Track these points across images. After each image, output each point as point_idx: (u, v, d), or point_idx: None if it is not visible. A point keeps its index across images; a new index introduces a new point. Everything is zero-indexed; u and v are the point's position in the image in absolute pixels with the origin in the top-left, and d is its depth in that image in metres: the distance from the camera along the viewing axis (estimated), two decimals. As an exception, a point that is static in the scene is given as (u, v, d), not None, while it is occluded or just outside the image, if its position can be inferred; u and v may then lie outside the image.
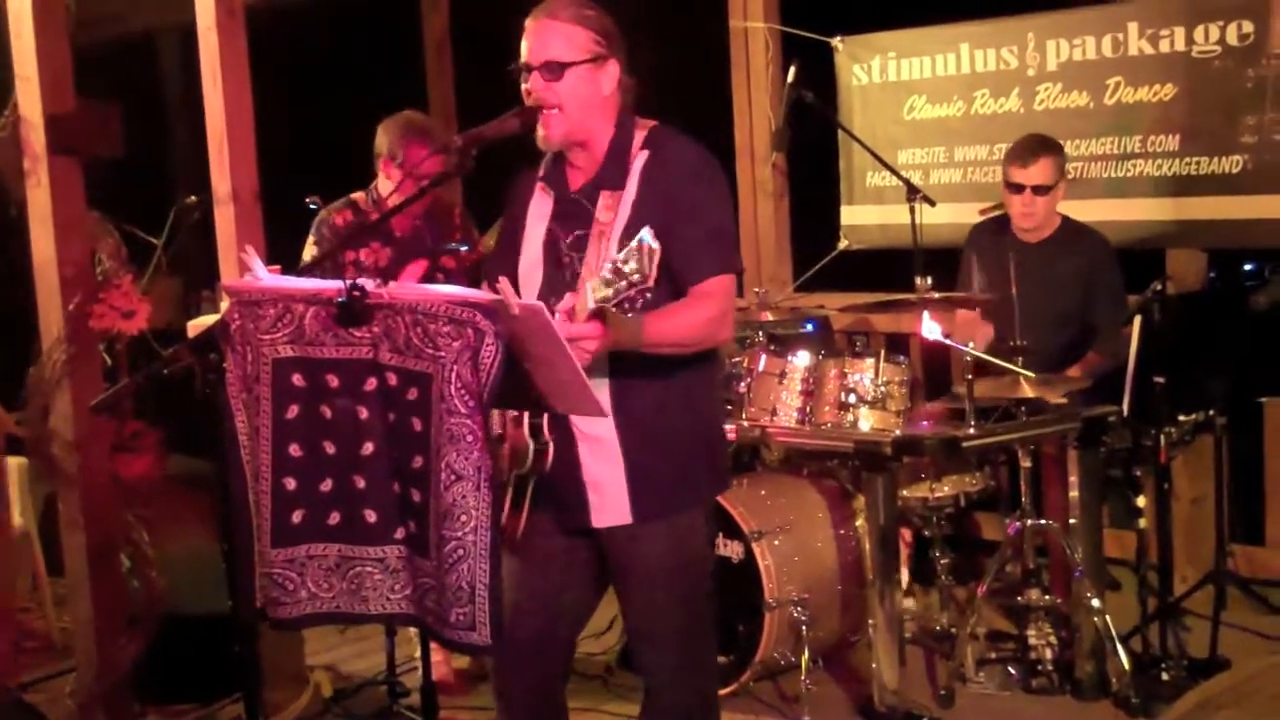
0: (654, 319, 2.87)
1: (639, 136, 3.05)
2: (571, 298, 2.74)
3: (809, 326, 5.50)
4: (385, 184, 4.58)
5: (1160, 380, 4.30)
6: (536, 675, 3.22)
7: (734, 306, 3.07)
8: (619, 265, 2.63)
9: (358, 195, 4.66)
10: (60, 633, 5.35)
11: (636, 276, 2.61)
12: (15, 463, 5.47)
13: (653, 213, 2.92)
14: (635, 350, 2.85)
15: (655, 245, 2.61)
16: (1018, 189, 4.90)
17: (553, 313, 2.63)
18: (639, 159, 3.02)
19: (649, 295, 2.70)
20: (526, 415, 2.95)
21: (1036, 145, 4.92)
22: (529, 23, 3.01)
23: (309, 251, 4.54)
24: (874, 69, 6.25)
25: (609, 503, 3.02)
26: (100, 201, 4.48)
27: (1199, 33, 5.21)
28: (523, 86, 3.01)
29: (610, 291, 2.63)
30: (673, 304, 2.94)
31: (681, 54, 6.67)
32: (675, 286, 2.95)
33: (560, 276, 3.04)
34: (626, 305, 2.69)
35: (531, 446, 2.94)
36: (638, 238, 2.62)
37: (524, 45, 3.00)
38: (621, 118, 3.06)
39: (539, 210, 3.13)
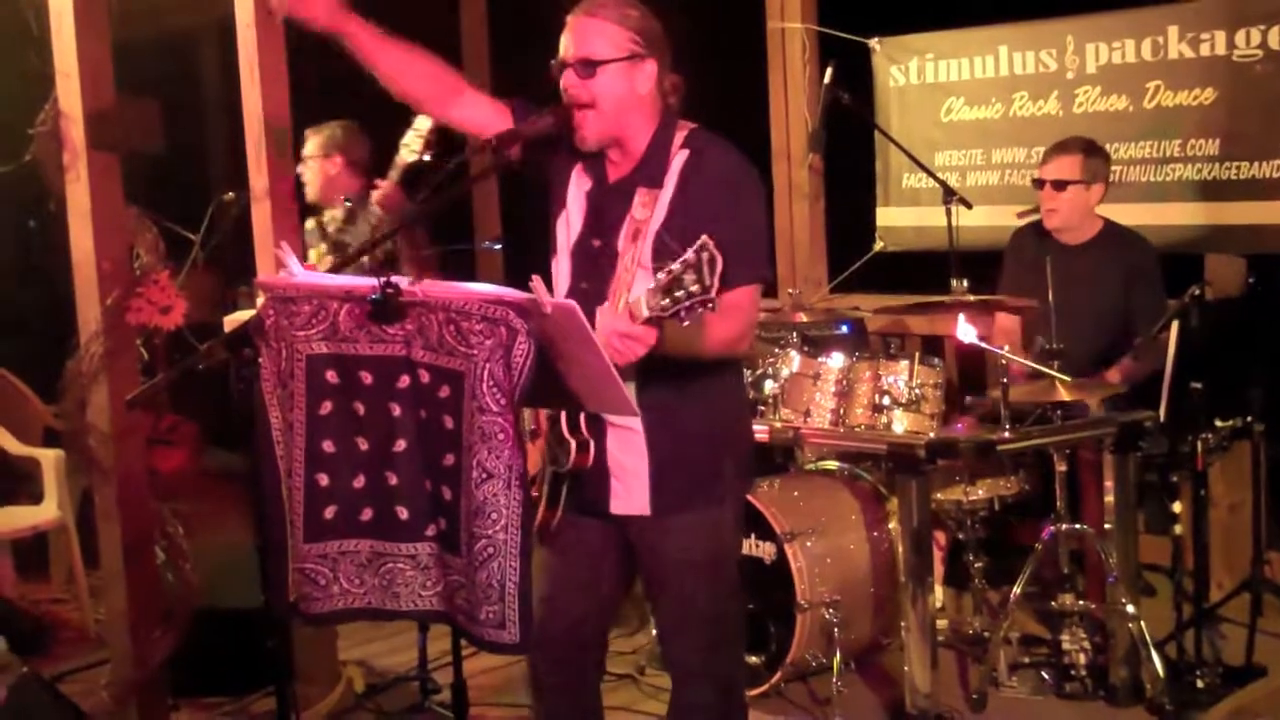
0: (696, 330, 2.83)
1: (679, 137, 3.04)
2: (640, 289, 2.70)
3: (843, 328, 5.48)
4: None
5: (1198, 386, 4.27)
6: (572, 668, 3.24)
7: (757, 318, 3.06)
8: (677, 274, 2.56)
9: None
10: (95, 624, 5.39)
11: (696, 288, 2.54)
12: (53, 455, 5.52)
13: (688, 213, 2.92)
14: (664, 354, 2.81)
15: (717, 255, 2.53)
16: (1039, 185, 4.98)
17: (589, 314, 2.63)
18: (678, 159, 3.01)
19: (711, 306, 2.57)
20: (564, 413, 2.96)
21: (1063, 142, 5.00)
22: (569, 19, 3.01)
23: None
24: (911, 70, 6.22)
25: (630, 492, 3.04)
26: (139, 197, 4.50)
27: (1240, 36, 5.17)
28: (560, 83, 3.02)
29: (668, 300, 2.58)
30: (707, 315, 2.92)
31: (718, 55, 6.65)
32: None
33: (592, 270, 3.03)
34: (683, 314, 2.59)
35: (573, 445, 2.95)
36: (698, 245, 2.55)
37: (563, 41, 3.01)
38: (664, 117, 3.06)
39: (574, 199, 3.12)
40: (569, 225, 3.12)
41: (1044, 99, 5.77)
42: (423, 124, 4.71)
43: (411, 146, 4.74)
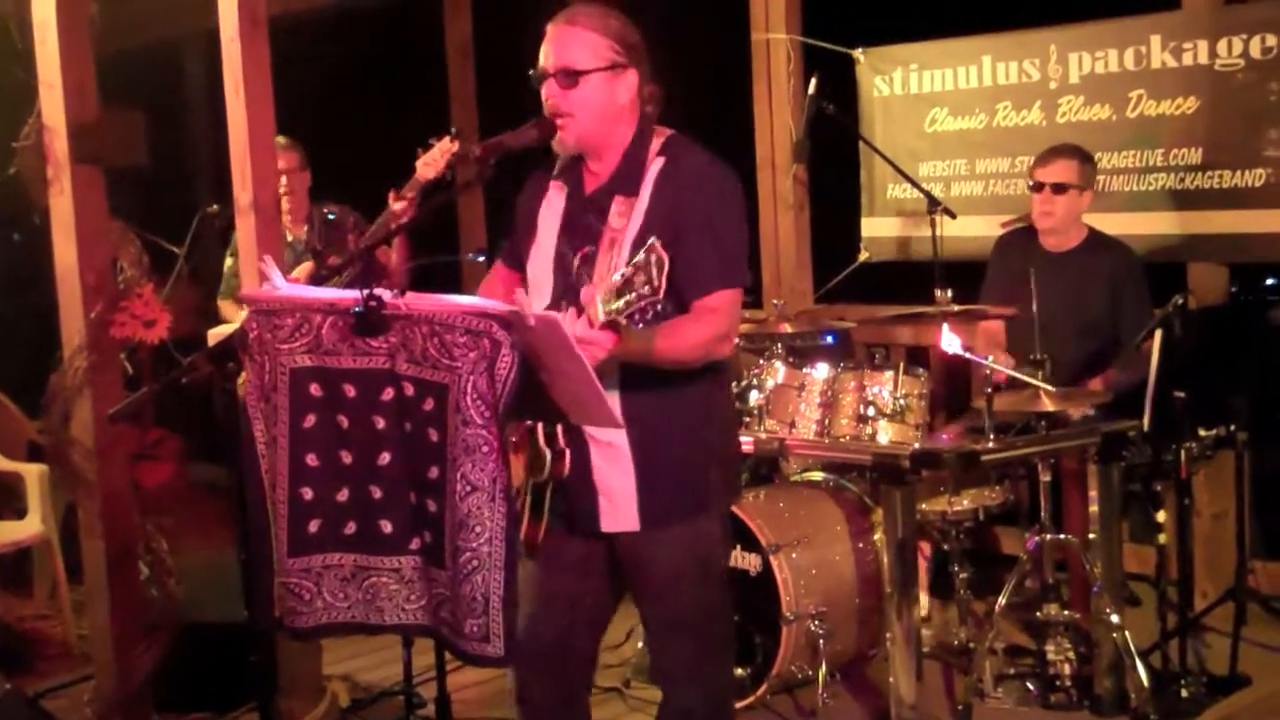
0: (663, 333, 2.86)
1: (655, 144, 3.04)
2: (589, 291, 2.72)
3: (828, 339, 5.49)
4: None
5: (1181, 395, 4.28)
6: (558, 683, 3.23)
7: (738, 323, 3.06)
8: (629, 276, 2.61)
9: None
10: (79, 640, 5.36)
11: (646, 289, 2.59)
12: (36, 470, 5.50)
13: (664, 221, 2.92)
14: (639, 362, 2.84)
15: (664, 256, 2.58)
16: (1038, 188, 4.99)
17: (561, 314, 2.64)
18: (654, 166, 3.01)
19: (659, 307, 2.67)
20: (541, 423, 2.96)
21: (1059, 147, 5.07)
22: (550, 28, 3.01)
23: None
24: (896, 81, 6.23)
25: (618, 508, 3.03)
26: (123, 210, 4.50)
27: (1222, 46, 5.19)
28: (542, 92, 3.02)
29: (621, 303, 2.62)
30: (679, 318, 2.93)
31: (703, 66, 6.66)
32: (680, 297, 2.93)
33: (571, 281, 3.03)
34: (637, 317, 2.67)
35: (548, 454, 2.95)
36: (646, 246, 2.60)
37: (543, 51, 3.01)
38: (641, 125, 3.06)
39: (551, 212, 3.13)
40: (542, 242, 3.12)
41: (1027, 109, 5.78)
42: (447, 144, 4.72)
43: (433, 165, 4.75)
